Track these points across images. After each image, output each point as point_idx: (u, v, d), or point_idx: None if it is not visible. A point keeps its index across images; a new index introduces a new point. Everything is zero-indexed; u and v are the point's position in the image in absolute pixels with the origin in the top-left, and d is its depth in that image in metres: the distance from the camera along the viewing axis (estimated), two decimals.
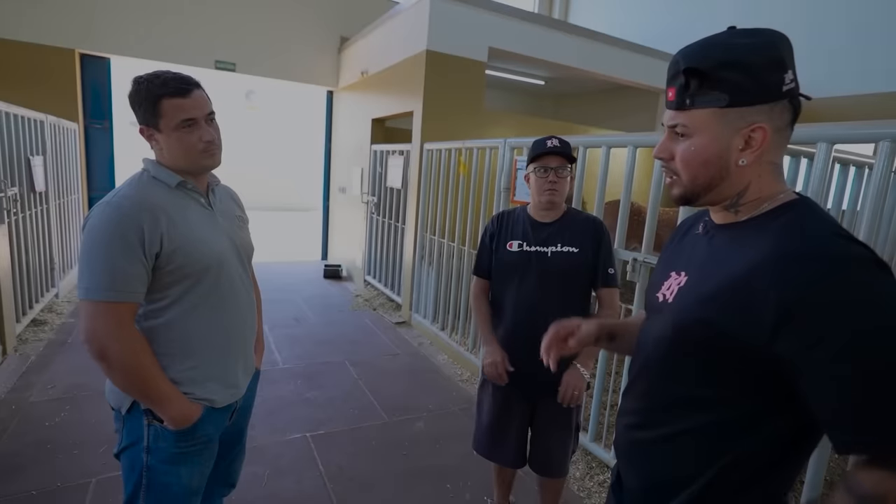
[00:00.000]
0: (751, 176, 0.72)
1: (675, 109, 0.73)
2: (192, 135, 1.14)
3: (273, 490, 2.11)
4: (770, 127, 0.68)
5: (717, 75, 0.67)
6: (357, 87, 5.84)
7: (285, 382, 3.12)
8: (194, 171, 1.19)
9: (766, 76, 0.67)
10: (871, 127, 1.48)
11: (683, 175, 0.75)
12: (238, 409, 1.34)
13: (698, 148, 0.71)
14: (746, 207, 0.74)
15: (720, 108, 0.68)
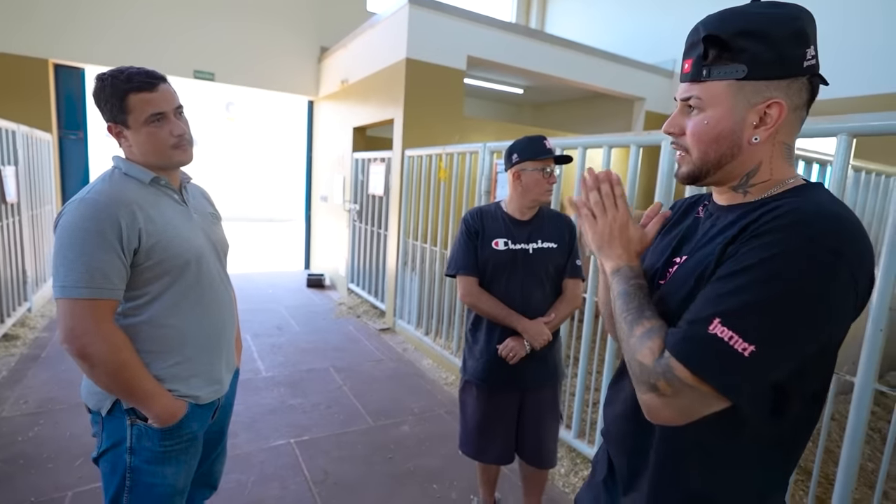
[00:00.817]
0: (762, 155, 0.69)
1: (691, 81, 0.70)
2: (163, 129, 1.13)
3: (257, 496, 2.08)
4: (787, 104, 0.65)
5: (737, 44, 0.65)
6: (337, 96, 5.87)
7: (268, 390, 3.09)
8: (166, 166, 1.18)
9: (788, 49, 0.64)
10: (829, 122, 1.56)
11: (694, 150, 0.72)
12: (220, 406, 1.33)
13: (711, 121, 0.68)
14: (755, 189, 0.71)
15: (737, 80, 0.66)
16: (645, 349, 0.66)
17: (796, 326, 0.59)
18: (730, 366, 0.59)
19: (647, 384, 0.66)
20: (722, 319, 0.60)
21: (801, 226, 0.60)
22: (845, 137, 1.52)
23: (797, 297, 0.58)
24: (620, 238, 0.78)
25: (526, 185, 1.68)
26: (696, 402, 0.62)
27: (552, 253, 1.72)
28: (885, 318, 1.43)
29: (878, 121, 1.46)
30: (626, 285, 0.74)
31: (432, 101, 4.43)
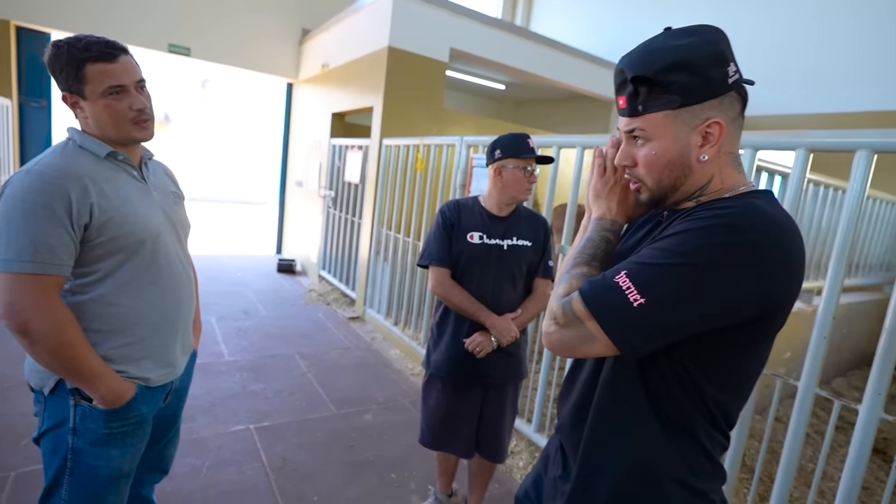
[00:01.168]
0: (713, 169, 0.73)
1: (629, 117, 0.74)
2: (122, 103, 1.09)
3: (212, 481, 2.05)
4: (724, 119, 0.70)
5: (664, 79, 0.68)
6: (317, 80, 5.76)
7: (230, 375, 3.04)
8: (125, 141, 1.14)
9: (712, 72, 0.68)
10: (789, 136, 1.62)
11: (648, 179, 0.75)
12: (174, 389, 1.30)
13: (659, 151, 0.72)
14: (708, 196, 0.75)
15: (673, 109, 0.69)
16: (566, 284, 0.74)
17: (685, 293, 0.64)
18: (618, 310, 0.66)
19: (550, 312, 0.73)
20: (628, 272, 0.67)
21: (724, 217, 0.65)
22: (803, 152, 1.58)
23: (694, 267, 0.63)
24: (621, 193, 0.83)
25: (506, 182, 1.68)
26: (579, 337, 0.69)
27: (525, 251, 1.73)
28: (829, 327, 1.50)
29: (833, 137, 1.52)
30: (596, 234, 0.80)
31: (413, 91, 4.40)
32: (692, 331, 0.67)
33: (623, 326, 0.66)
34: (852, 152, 1.47)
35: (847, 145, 1.48)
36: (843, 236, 1.48)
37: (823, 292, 1.52)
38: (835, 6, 5.02)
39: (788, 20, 5.38)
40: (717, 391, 0.72)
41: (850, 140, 1.47)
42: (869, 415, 1.41)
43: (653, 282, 0.65)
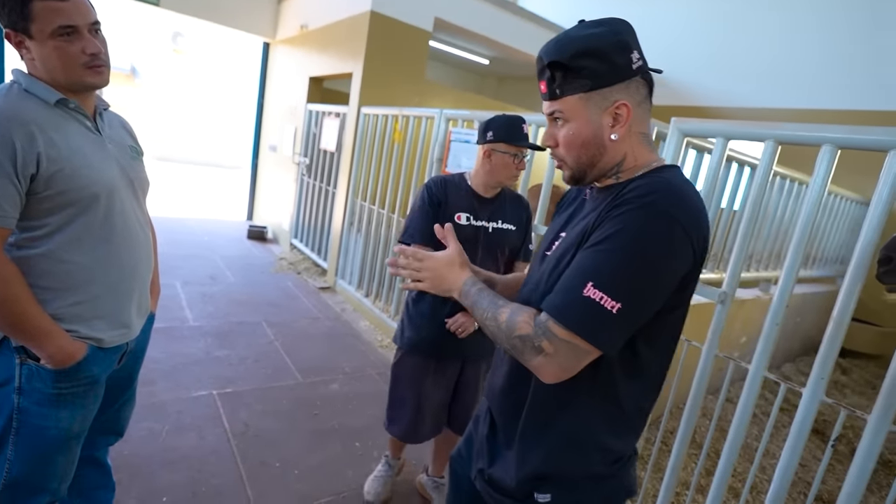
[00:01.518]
0: (625, 148, 0.81)
1: (549, 100, 0.81)
2: (73, 45, 1.01)
3: (171, 445, 2.03)
4: (631, 102, 0.78)
5: (576, 64, 0.76)
6: (295, 41, 5.54)
7: (194, 340, 2.98)
8: (76, 87, 1.06)
9: (617, 58, 0.76)
10: (759, 127, 1.65)
11: (568, 158, 0.83)
12: (129, 351, 1.27)
13: (575, 131, 0.80)
14: (625, 174, 0.82)
15: (585, 92, 0.77)
16: (520, 323, 0.77)
17: (650, 281, 0.72)
18: (603, 323, 0.70)
19: (532, 349, 0.75)
20: (594, 283, 0.70)
21: (643, 198, 0.72)
22: (772, 143, 1.61)
23: (645, 256, 0.71)
24: (444, 271, 0.90)
25: (494, 166, 1.64)
26: (574, 356, 0.73)
27: (510, 235, 1.73)
28: (781, 315, 1.56)
29: (801, 131, 1.55)
30: (472, 295, 0.86)
31: (394, 59, 4.28)
32: (657, 309, 0.75)
33: (610, 334, 0.72)
34: (817, 147, 1.51)
35: (814, 139, 1.51)
36: (803, 227, 1.53)
37: (779, 281, 1.57)
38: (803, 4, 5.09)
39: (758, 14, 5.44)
40: (649, 352, 0.80)
41: (817, 135, 1.50)
42: (811, 398, 1.48)
43: (620, 285, 0.70)
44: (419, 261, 0.92)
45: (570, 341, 0.71)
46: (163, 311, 3.28)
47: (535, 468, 0.85)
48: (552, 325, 0.73)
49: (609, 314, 0.69)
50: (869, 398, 3.72)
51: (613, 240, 0.72)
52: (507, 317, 0.78)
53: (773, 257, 3.52)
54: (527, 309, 0.78)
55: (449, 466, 1.11)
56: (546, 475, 0.84)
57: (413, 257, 0.92)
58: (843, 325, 1.43)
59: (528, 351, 0.75)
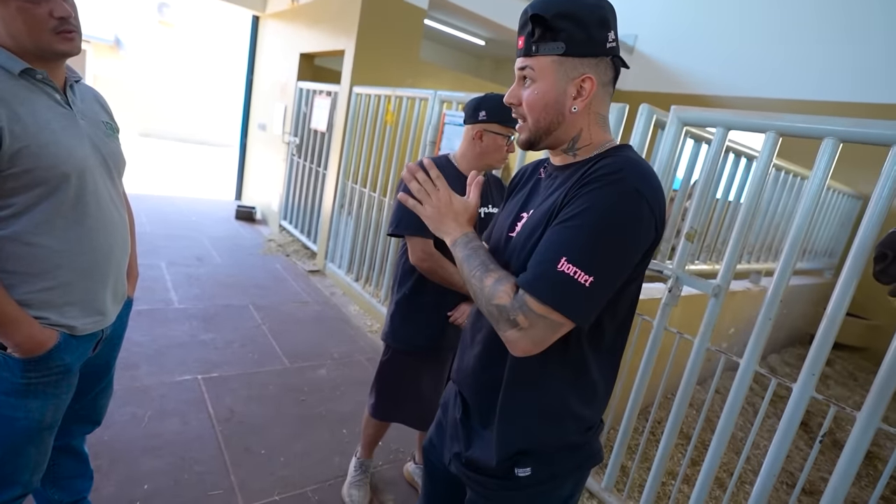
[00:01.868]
0: (582, 123, 0.83)
1: (524, 56, 0.83)
2: (40, 7, 0.93)
3: (154, 431, 1.99)
4: (597, 79, 0.80)
5: (556, 24, 0.77)
6: (286, 16, 5.36)
7: (179, 323, 2.93)
8: (44, 55, 0.99)
9: (594, 31, 0.78)
10: (761, 118, 1.61)
11: (529, 118, 0.84)
12: (105, 338, 1.21)
13: (540, 92, 0.81)
14: (582, 152, 0.85)
15: (558, 55, 0.79)
16: (500, 292, 0.77)
17: (619, 255, 0.74)
18: (577, 296, 0.72)
19: (507, 321, 0.76)
20: (567, 258, 0.72)
21: (611, 175, 0.75)
22: (773, 135, 1.57)
23: (615, 231, 0.73)
24: (449, 213, 0.89)
25: (485, 148, 1.57)
26: (548, 330, 0.74)
27: None
28: (776, 309, 1.54)
29: (803, 123, 1.52)
30: (467, 249, 0.85)
31: (388, 37, 4.16)
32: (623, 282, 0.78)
33: (584, 307, 0.74)
34: (815, 139, 1.47)
35: (816, 132, 1.48)
36: (800, 222, 1.50)
37: (774, 276, 1.55)
38: None
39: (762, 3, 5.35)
40: (612, 325, 0.84)
41: (819, 127, 1.47)
42: (801, 394, 1.48)
43: (593, 259, 0.72)
44: (437, 189, 0.90)
45: (546, 316, 0.73)
46: (147, 293, 3.21)
47: (516, 445, 0.86)
48: (528, 299, 0.74)
49: (583, 287, 0.72)
50: (850, 389, 3.78)
51: (584, 216, 0.74)
52: (492, 283, 0.79)
53: (763, 249, 3.52)
54: (510, 278, 0.79)
55: (423, 457, 1.11)
56: (526, 450, 0.87)
57: (437, 180, 0.91)
58: (837, 323, 1.42)
59: (503, 322, 0.76)
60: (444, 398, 1.07)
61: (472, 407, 0.95)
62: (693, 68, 5.92)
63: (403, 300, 1.68)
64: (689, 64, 5.95)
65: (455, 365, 1.03)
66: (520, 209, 0.92)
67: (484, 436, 0.91)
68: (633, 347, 2.01)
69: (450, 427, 1.01)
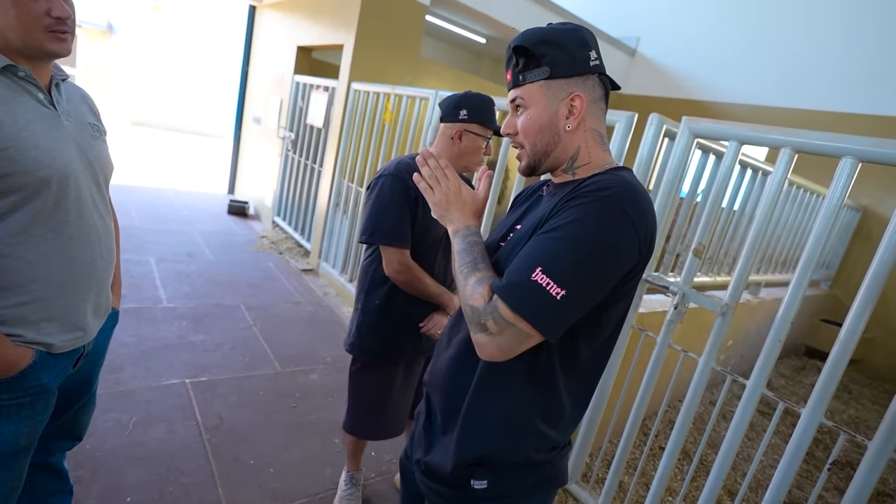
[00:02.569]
0: (578, 141, 0.85)
1: (513, 87, 0.85)
2: (38, 3, 0.88)
3: (138, 438, 1.92)
4: (586, 96, 0.82)
5: (538, 51, 0.80)
6: (284, 6, 5.25)
7: (168, 323, 2.84)
8: (32, 53, 0.92)
9: (576, 52, 0.81)
10: (776, 133, 1.56)
11: (526, 144, 0.86)
12: (87, 353, 1.14)
13: (533, 117, 0.83)
14: (581, 170, 0.86)
15: (544, 79, 0.81)
16: (477, 294, 0.77)
17: (595, 272, 0.73)
18: (546, 307, 0.71)
19: (478, 325, 0.76)
20: (542, 268, 0.72)
21: (600, 192, 0.75)
22: (789, 151, 1.52)
23: (594, 247, 0.72)
24: (456, 202, 0.90)
25: (464, 149, 1.51)
26: (516, 339, 0.74)
27: None
28: (785, 331, 1.50)
29: (820, 140, 1.47)
30: (464, 243, 0.85)
31: (388, 33, 4.07)
32: (598, 301, 0.77)
33: (552, 320, 0.73)
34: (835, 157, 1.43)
35: (834, 150, 1.43)
36: (815, 242, 1.46)
37: (785, 297, 1.51)
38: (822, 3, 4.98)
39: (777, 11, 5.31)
40: (589, 348, 0.84)
41: (838, 145, 1.42)
42: (810, 419, 1.44)
43: (567, 272, 0.71)
44: (446, 177, 0.91)
45: (514, 324, 0.73)
46: (135, 291, 3.12)
47: (472, 453, 0.86)
48: (500, 305, 0.74)
49: (553, 300, 0.71)
50: (845, 402, 3.78)
51: (566, 228, 0.74)
52: (473, 283, 0.79)
53: (763, 261, 3.50)
54: (490, 282, 0.79)
55: (399, 467, 1.11)
56: (483, 460, 0.86)
57: (446, 169, 0.91)
58: (850, 348, 1.38)
59: (475, 324, 0.76)
60: (417, 408, 1.06)
61: (437, 410, 0.95)
62: (697, 73, 5.87)
63: (373, 311, 1.59)
64: (693, 68, 5.90)
65: (429, 366, 1.01)
66: (515, 222, 0.94)
67: (444, 441, 0.91)
68: (635, 361, 1.97)
69: (416, 435, 1.01)
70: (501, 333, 0.74)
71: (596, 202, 0.74)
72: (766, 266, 3.54)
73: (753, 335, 3.50)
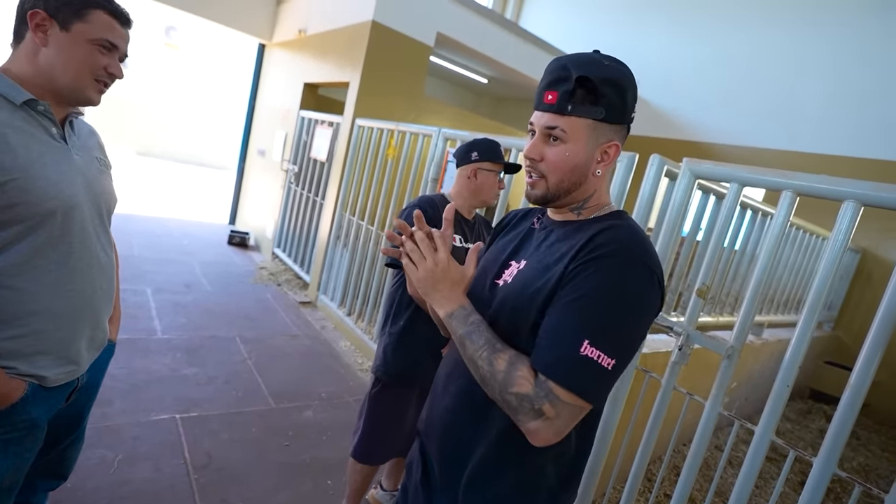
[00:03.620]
0: (597, 185, 0.84)
1: (555, 113, 0.79)
2: (102, 59, 0.97)
3: (122, 478, 1.84)
4: (621, 145, 0.81)
5: (602, 90, 0.76)
6: (293, 45, 5.42)
7: (161, 355, 2.78)
8: (69, 96, 0.97)
9: (629, 101, 0.79)
10: (777, 176, 1.57)
11: (551, 177, 0.81)
12: (80, 387, 1.11)
13: (572, 154, 0.79)
14: (587, 212, 0.85)
15: (596, 120, 0.77)
16: (518, 379, 0.71)
17: (636, 333, 0.74)
18: (601, 380, 0.69)
19: (531, 411, 0.70)
20: (590, 341, 0.69)
21: (622, 250, 0.74)
22: (790, 194, 1.53)
23: (633, 311, 0.72)
24: (444, 280, 0.82)
25: (480, 186, 1.69)
26: (572, 418, 0.70)
27: None
28: (793, 375, 1.47)
29: (823, 183, 1.48)
30: (467, 325, 0.79)
31: (393, 72, 4.19)
32: None
33: (605, 391, 0.71)
34: (837, 201, 1.43)
35: (835, 194, 1.44)
36: (821, 284, 1.44)
37: (791, 342, 1.48)
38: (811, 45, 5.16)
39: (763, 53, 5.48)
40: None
41: (839, 189, 1.43)
42: (823, 470, 1.39)
43: (613, 341, 0.70)
44: (435, 251, 0.83)
45: (573, 403, 0.69)
46: (129, 321, 3.07)
47: None
48: (554, 386, 0.69)
49: (606, 371, 0.69)
50: (853, 448, 3.68)
51: (600, 294, 0.71)
52: (506, 366, 0.73)
53: (766, 301, 3.48)
54: (524, 360, 0.73)
55: None
56: None
57: (439, 239, 0.84)
58: (861, 396, 1.34)
59: (525, 412, 0.70)
60: (408, 458, 1.02)
61: (434, 462, 0.89)
62: (694, 115, 6.01)
63: (398, 332, 1.69)
64: (697, 112, 6.02)
65: (423, 414, 0.96)
66: (508, 256, 0.89)
67: (446, 495, 0.86)
68: (639, 404, 1.92)
69: (412, 489, 0.96)
70: (559, 416, 0.69)
71: (622, 261, 0.72)
72: (769, 307, 3.52)
73: (757, 377, 3.44)
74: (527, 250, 0.88)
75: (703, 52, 6.02)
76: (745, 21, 5.68)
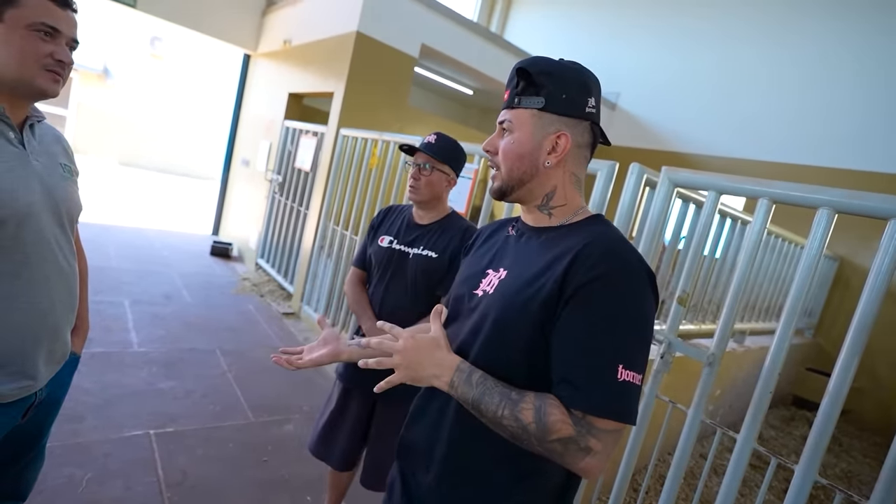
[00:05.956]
0: (556, 180, 0.84)
1: (506, 108, 0.85)
2: (45, 45, 0.91)
3: (91, 496, 1.77)
4: (572, 138, 0.81)
5: (539, 80, 0.80)
6: (277, 56, 5.41)
7: (137, 368, 2.71)
8: (21, 89, 0.92)
9: (574, 93, 0.81)
10: (754, 184, 1.59)
11: (503, 166, 0.84)
12: (39, 403, 1.06)
13: (517, 142, 0.82)
14: (557, 212, 0.85)
15: (537, 109, 0.81)
16: (556, 425, 0.69)
17: (648, 339, 0.75)
18: (636, 398, 0.71)
19: (579, 452, 0.69)
20: (624, 365, 0.70)
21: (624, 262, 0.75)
22: (766, 202, 1.55)
23: (648, 323, 0.74)
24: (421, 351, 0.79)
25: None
26: (616, 440, 0.71)
27: (428, 262, 1.60)
28: (773, 382, 1.47)
29: (797, 191, 1.49)
30: (474, 389, 0.75)
31: (377, 82, 4.19)
32: None
33: (637, 407, 0.72)
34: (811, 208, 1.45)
35: (810, 201, 1.45)
36: (797, 293, 1.45)
37: (771, 349, 1.49)
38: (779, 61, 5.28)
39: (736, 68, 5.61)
40: None
41: (814, 196, 1.44)
42: (804, 478, 1.38)
43: (639, 359, 0.72)
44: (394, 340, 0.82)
45: (617, 429, 0.70)
46: (104, 334, 2.99)
47: None
48: (595, 420, 0.69)
49: (638, 388, 0.71)
50: (836, 455, 3.70)
51: (617, 312, 0.72)
52: (535, 416, 0.70)
53: (747, 309, 3.51)
54: (551, 401, 0.71)
55: None
56: None
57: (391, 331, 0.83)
58: (840, 400, 1.35)
59: (573, 453, 0.69)
60: (389, 478, 0.99)
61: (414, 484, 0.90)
62: (674, 126, 6.11)
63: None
64: (669, 122, 6.14)
65: (400, 440, 0.94)
66: (485, 266, 0.90)
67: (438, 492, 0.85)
68: None
69: None
70: (606, 445, 0.70)
71: (627, 275, 0.74)
72: (750, 314, 3.55)
73: (741, 384, 3.45)
74: (506, 258, 0.87)
75: (681, 66, 6.14)
76: (719, 38, 5.84)
